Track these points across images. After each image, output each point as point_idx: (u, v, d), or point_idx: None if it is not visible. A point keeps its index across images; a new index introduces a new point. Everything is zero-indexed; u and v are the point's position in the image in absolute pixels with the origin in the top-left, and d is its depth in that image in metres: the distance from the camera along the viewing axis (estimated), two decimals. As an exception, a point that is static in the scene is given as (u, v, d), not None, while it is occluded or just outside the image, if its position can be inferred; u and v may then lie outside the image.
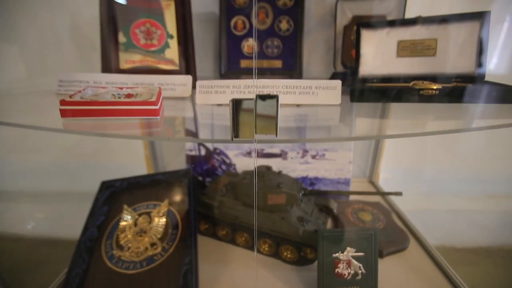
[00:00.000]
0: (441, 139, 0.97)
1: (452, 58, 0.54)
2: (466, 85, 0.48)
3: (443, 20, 0.54)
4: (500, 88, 0.44)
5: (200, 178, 0.89)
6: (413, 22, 0.56)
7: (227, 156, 0.88)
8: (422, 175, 1.10)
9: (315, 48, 0.84)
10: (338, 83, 0.47)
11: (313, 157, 0.86)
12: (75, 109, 0.36)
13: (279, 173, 0.70)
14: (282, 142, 0.82)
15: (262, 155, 0.87)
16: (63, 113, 0.36)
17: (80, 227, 0.63)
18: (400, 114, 0.47)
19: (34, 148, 0.93)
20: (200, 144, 0.88)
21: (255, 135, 0.31)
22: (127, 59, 0.57)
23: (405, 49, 0.56)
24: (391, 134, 0.39)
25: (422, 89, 0.45)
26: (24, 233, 0.92)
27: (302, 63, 0.80)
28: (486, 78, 0.52)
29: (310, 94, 0.48)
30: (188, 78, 0.53)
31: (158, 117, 0.40)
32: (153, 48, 0.58)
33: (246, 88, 0.48)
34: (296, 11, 0.78)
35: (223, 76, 0.80)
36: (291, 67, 0.80)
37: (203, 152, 0.89)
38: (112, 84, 0.52)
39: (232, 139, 0.31)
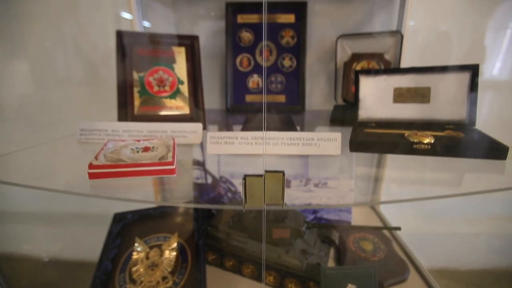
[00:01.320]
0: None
1: (445, 106, 0.57)
2: (458, 136, 0.51)
3: (436, 70, 0.58)
4: (488, 144, 0.47)
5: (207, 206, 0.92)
6: (408, 71, 0.60)
7: (232, 184, 0.91)
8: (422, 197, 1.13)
9: (317, 82, 0.88)
10: (338, 135, 0.51)
11: (316, 185, 0.89)
12: (101, 172, 0.40)
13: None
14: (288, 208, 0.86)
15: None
16: (91, 176, 0.40)
17: (90, 249, 0.66)
18: (397, 164, 0.51)
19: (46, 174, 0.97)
20: (206, 172, 0.91)
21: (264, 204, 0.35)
22: (141, 106, 0.61)
23: (401, 95, 0.60)
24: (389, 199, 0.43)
25: (416, 143, 0.49)
26: (34, 254, 0.96)
27: (305, 97, 0.84)
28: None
29: (313, 145, 0.52)
30: (199, 126, 0.57)
31: (175, 175, 0.43)
32: (165, 94, 0.63)
33: (254, 139, 0.52)
34: (298, 49, 0.82)
35: (229, 110, 0.84)
36: (294, 102, 0.84)
37: (209, 180, 0.92)
38: (128, 132, 0.56)
39: (244, 208, 0.35)
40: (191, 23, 0.88)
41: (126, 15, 0.83)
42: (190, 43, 0.68)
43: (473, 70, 0.56)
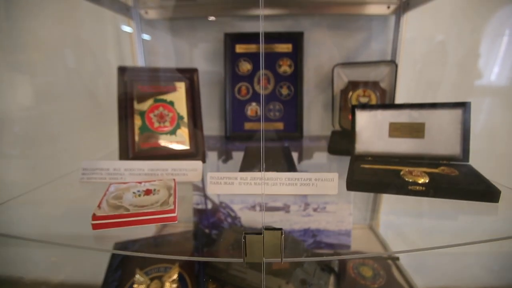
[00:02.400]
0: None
1: (439, 141, 0.59)
2: (452, 174, 0.52)
3: (429, 106, 0.59)
4: (481, 186, 0.48)
5: (207, 231, 0.93)
6: (403, 106, 0.61)
7: (232, 210, 0.92)
8: (421, 217, 1.14)
9: (315, 107, 0.90)
10: (335, 176, 0.52)
11: (315, 210, 0.90)
12: (105, 222, 0.41)
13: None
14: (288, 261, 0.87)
15: (265, 208, 0.92)
16: (94, 226, 0.41)
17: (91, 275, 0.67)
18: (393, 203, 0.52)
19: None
20: (206, 198, 0.92)
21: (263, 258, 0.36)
22: (142, 142, 0.62)
23: (396, 130, 0.62)
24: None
25: (411, 183, 0.50)
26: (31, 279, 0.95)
27: (303, 125, 0.85)
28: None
29: (310, 186, 0.53)
30: (199, 164, 0.58)
31: (176, 221, 0.44)
32: (166, 130, 0.64)
33: (253, 179, 0.53)
34: (296, 78, 0.84)
35: (228, 138, 0.85)
36: (292, 129, 0.85)
37: (209, 205, 0.93)
38: (130, 171, 0.57)
39: (244, 262, 0.36)
40: (190, 50, 0.90)
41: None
42: (189, 77, 0.70)
43: (465, 107, 0.57)
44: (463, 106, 0.57)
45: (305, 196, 0.95)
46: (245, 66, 0.84)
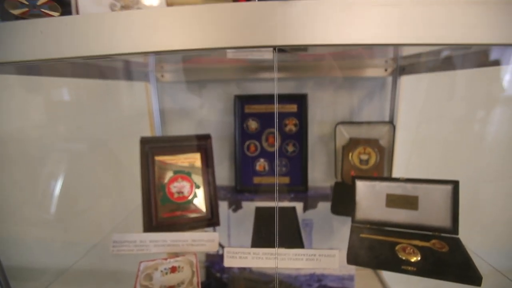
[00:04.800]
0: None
1: (431, 214, 0.65)
2: (441, 250, 0.59)
3: (422, 181, 0.66)
4: (466, 269, 0.55)
5: (218, 275, 1.00)
6: (398, 180, 0.68)
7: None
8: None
9: (319, 161, 0.97)
10: (336, 252, 0.59)
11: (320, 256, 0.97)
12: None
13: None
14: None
15: (273, 253, 0.98)
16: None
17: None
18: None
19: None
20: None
21: None
22: (163, 212, 0.70)
23: (393, 201, 0.68)
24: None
25: (404, 262, 0.56)
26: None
27: (307, 179, 0.92)
28: None
29: (315, 260, 0.60)
30: (215, 235, 0.65)
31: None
32: (184, 200, 0.71)
33: (264, 254, 0.60)
34: (301, 135, 0.91)
35: (238, 191, 0.93)
36: (298, 183, 0.92)
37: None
38: (154, 242, 0.64)
39: None
40: (203, 108, 0.97)
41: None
42: (204, 144, 0.77)
43: (454, 185, 0.64)
44: (453, 183, 0.64)
45: (310, 242, 1.02)
46: (254, 125, 0.91)
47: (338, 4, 0.28)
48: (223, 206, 0.96)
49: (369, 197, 0.70)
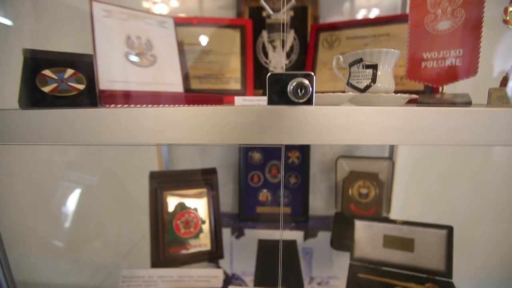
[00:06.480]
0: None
1: (426, 257, 0.68)
2: (435, 295, 0.62)
3: (418, 225, 0.69)
4: None
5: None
6: (395, 222, 0.71)
7: (244, 282, 1.02)
8: None
9: (320, 192, 1.00)
10: (335, 295, 0.62)
11: (319, 284, 1.00)
12: None
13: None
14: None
15: (274, 280, 1.01)
16: None
17: None
18: None
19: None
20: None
21: None
22: (170, 247, 0.73)
23: (390, 242, 0.71)
24: None
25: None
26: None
27: (308, 209, 0.95)
28: None
29: (314, 303, 0.63)
30: (220, 272, 0.69)
31: None
32: (191, 235, 0.75)
33: (265, 295, 0.63)
34: (303, 168, 0.94)
35: (241, 220, 0.96)
36: (299, 213, 0.95)
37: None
38: (162, 278, 0.68)
39: None
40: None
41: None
42: (210, 178, 0.81)
43: (449, 230, 0.67)
44: (447, 228, 0.67)
45: (310, 270, 1.05)
46: (257, 156, 0.95)
47: (339, 111, 0.31)
48: (226, 232, 0.99)
49: (367, 236, 0.73)
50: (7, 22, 0.80)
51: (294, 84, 0.29)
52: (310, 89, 0.29)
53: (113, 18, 0.66)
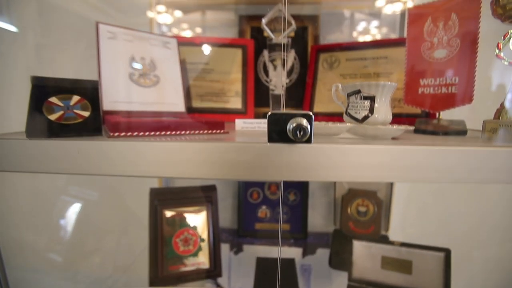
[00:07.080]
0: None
1: (424, 279, 0.68)
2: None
3: (417, 246, 0.69)
4: None
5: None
6: (393, 243, 0.71)
7: (242, 296, 1.02)
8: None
9: (319, 208, 1.01)
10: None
11: (317, 301, 0.99)
12: None
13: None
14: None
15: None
16: None
17: None
18: None
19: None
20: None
21: None
22: (169, 265, 0.73)
23: (388, 264, 0.71)
24: None
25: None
26: None
27: (307, 226, 0.95)
28: None
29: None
30: (218, 292, 0.69)
31: None
32: (189, 254, 0.75)
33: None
34: (302, 185, 0.95)
35: (240, 236, 0.96)
36: (298, 230, 0.96)
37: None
38: (159, 297, 0.68)
39: None
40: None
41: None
42: (209, 195, 0.81)
43: (446, 253, 0.67)
44: (445, 251, 0.67)
45: (309, 287, 1.05)
46: (257, 173, 0.95)
47: (337, 150, 0.32)
48: (224, 248, 0.99)
49: (365, 258, 0.73)
50: (12, 28, 0.80)
51: (293, 125, 0.30)
52: (309, 130, 0.30)
53: (118, 40, 0.68)
